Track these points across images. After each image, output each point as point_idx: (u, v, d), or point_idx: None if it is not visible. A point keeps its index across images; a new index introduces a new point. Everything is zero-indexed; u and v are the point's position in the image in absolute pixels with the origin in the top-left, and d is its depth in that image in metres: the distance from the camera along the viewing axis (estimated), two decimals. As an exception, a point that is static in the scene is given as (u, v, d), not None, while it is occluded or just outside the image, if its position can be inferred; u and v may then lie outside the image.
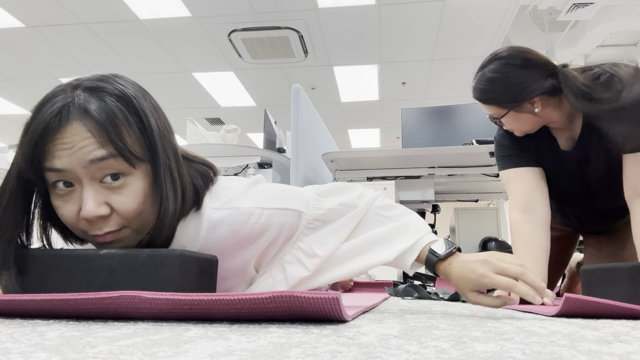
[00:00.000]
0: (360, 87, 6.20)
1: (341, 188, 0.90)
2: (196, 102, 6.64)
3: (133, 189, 0.66)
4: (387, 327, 0.53)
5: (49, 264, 0.64)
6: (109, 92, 0.66)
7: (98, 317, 0.58)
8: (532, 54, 1.23)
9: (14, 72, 5.75)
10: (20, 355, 0.34)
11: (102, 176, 0.65)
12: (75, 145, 0.63)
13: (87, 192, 0.64)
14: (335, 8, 4.41)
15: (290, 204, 0.81)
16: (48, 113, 0.63)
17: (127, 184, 0.66)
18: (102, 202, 0.65)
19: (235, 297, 0.53)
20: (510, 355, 0.35)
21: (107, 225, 0.66)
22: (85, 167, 0.63)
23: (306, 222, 0.82)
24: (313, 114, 2.58)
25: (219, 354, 0.35)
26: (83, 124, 0.63)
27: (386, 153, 2.40)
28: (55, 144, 0.63)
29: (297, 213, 0.81)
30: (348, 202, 0.86)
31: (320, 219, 0.84)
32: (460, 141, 2.58)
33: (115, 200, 0.66)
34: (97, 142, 0.63)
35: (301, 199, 0.83)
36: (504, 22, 4.61)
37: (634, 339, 0.45)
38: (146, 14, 4.52)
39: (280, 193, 0.83)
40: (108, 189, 0.65)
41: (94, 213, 0.63)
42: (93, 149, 0.63)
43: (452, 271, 0.78)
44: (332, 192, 0.88)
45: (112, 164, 0.64)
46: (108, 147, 0.64)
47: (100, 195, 0.65)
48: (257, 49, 5.12)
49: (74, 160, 0.63)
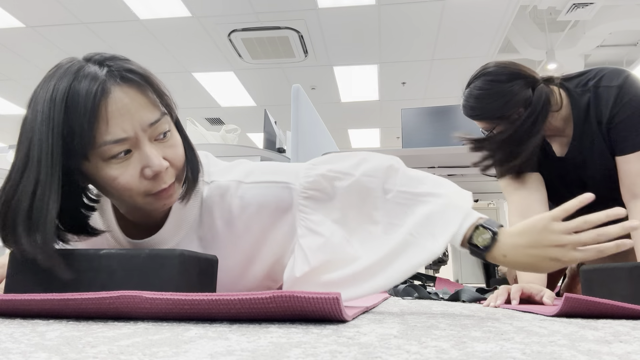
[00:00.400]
0: (360, 87, 6.20)
1: (338, 156, 0.83)
2: (196, 102, 6.64)
3: (177, 140, 0.73)
4: (387, 327, 0.53)
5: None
6: (122, 59, 0.70)
7: (98, 317, 0.58)
8: (518, 67, 1.26)
9: (14, 72, 5.75)
10: (20, 355, 0.34)
11: (157, 135, 0.69)
12: (132, 111, 0.66)
13: (150, 150, 0.67)
14: (335, 8, 4.40)
15: (272, 177, 0.79)
16: (88, 86, 0.63)
17: (172, 137, 0.72)
18: (162, 156, 0.69)
19: (235, 297, 0.53)
20: (510, 355, 0.35)
21: (168, 176, 0.71)
22: (145, 130, 0.67)
23: (298, 193, 0.77)
24: (313, 114, 2.58)
25: (219, 354, 0.35)
26: (126, 91, 0.66)
27: (386, 153, 2.39)
28: (109, 115, 0.64)
29: (282, 185, 0.78)
30: (340, 169, 0.79)
31: (313, 188, 0.77)
32: (460, 141, 2.58)
33: (169, 153, 0.70)
34: (151, 104, 0.68)
35: (289, 172, 0.80)
36: (504, 22, 4.61)
37: (634, 339, 0.45)
38: (146, 14, 4.52)
39: (266, 169, 0.81)
40: (161, 144, 0.70)
41: (164, 165, 0.68)
42: (149, 112, 0.67)
43: (511, 263, 0.72)
44: (326, 161, 0.83)
45: (163, 123, 0.69)
46: (159, 107, 0.69)
47: (159, 151, 0.69)
48: (257, 49, 5.12)
49: (136, 126, 0.66)
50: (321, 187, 0.77)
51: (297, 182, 0.78)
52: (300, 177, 0.79)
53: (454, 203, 0.74)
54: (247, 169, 0.82)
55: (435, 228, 0.72)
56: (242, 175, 0.80)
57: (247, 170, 0.81)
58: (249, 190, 0.78)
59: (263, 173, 0.80)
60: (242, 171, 0.81)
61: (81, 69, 0.65)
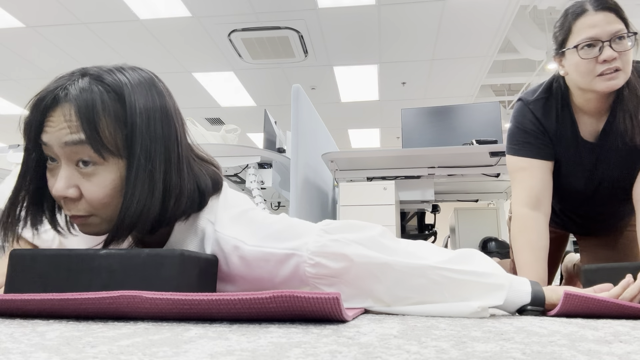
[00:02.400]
0: (360, 87, 6.20)
1: (355, 225, 0.75)
2: (196, 102, 6.64)
3: (102, 179, 0.68)
4: (387, 327, 0.53)
5: (49, 264, 0.64)
6: (104, 82, 0.68)
7: (98, 317, 0.58)
8: None
9: (14, 72, 5.75)
10: (20, 355, 0.34)
11: (76, 160, 0.67)
12: (57, 126, 0.66)
13: (62, 171, 0.67)
14: (335, 8, 4.40)
15: (276, 243, 0.71)
16: (49, 90, 0.68)
17: (97, 173, 0.68)
18: (73, 184, 0.67)
19: (235, 297, 0.53)
20: (510, 355, 0.35)
21: (76, 208, 0.68)
22: (62, 147, 0.66)
23: (305, 260, 0.70)
24: (313, 114, 2.58)
25: (219, 354, 0.35)
26: (68, 107, 0.67)
27: (386, 153, 2.40)
28: (46, 120, 0.67)
29: (286, 254, 0.70)
30: (356, 238, 0.71)
31: (322, 254, 0.70)
32: (460, 141, 2.58)
33: (84, 186, 0.68)
34: (73, 126, 0.66)
35: (297, 234, 0.72)
36: (504, 22, 4.61)
37: (634, 339, 0.45)
38: (146, 14, 4.52)
39: (271, 229, 0.73)
40: (81, 173, 0.68)
41: (62, 193, 0.66)
42: (69, 132, 0.66)
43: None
44: (341, 228, 0.74)
45: (84, 150, 0.66)
46: (79, 133, 0.66)
47: (72, 178, 0.67)
48: (257, 49, 5.12)
49: (54, 138, 0.67)
50: (332, 252, 0.70)
51: (304, 247, 0.71)
52: (310, 241, 0.71)
53: (497, 285, 0.71)
54: (252, 222, 0.75)
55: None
56: (245, 234, 0.73)
57: (251, 227, 0.74)
58: (250, 255, 0.72)
59: (267, 236, 0.72)
60: (246, 225, 0.74)
61: (64, 76, 0.70)
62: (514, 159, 1.31)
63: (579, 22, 1.18)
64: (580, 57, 1.16)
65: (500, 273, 0.71)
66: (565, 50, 1.21)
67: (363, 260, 0.69)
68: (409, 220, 3.25)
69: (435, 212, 3.08)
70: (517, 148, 1.31)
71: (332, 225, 0.74)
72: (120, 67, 0.71)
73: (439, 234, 3.37)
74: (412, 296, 0.70)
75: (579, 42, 1.16)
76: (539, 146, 1.29)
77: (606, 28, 1.14)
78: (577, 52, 1.17)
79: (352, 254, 0.69)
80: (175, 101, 0.77)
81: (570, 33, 1.20)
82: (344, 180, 2.52)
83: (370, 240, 0.72)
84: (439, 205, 3.12)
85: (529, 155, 1.28)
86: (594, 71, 1.16)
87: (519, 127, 1.32)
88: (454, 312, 0.68)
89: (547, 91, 1.31)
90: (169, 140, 0.71)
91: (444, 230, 3.75)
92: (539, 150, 1.28)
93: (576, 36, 1.18)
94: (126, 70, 0.71)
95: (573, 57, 1.19)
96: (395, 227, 2.23)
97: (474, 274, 0.69)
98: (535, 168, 1.27)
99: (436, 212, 3.11)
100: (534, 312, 0.72)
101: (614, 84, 1.15)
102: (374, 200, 2.27)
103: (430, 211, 2.95)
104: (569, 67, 1.22)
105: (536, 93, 1.32)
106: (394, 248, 0.72)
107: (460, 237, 3.32)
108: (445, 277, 0.68)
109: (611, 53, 1.13)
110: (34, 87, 0.71)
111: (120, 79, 0.69)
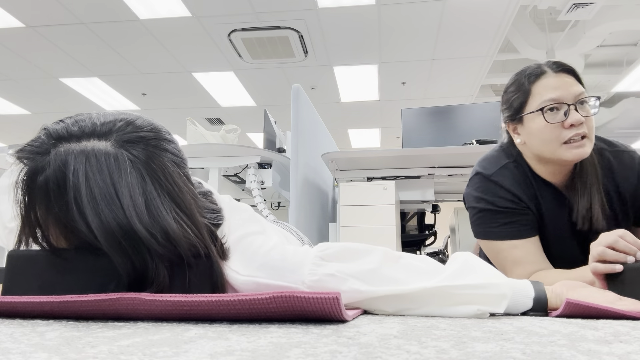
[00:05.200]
0: (360, 87, 6.20)
1: (352, 249, 0.72)
2: (196, 102, 6.64)
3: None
4: (387, 327, 0.53)
5: (46, 265, 0.64)
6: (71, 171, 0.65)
7: (98, 318, 0.58)
8: None
9: (14, 72, 5.75)
10: (20, 355, 0.34)
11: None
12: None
13: None
14: (335, 8, 4.40)
15: (272, 275, 0.68)
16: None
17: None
18: None
19: (235, 297, 0.53)
20: (510, 355, 0.35)
21: None
22: None
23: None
24: (313, 114, 2.58)
25: (219, 354, 0.35)
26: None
27: (386, 153, 2.40)
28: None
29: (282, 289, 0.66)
30: (353, 271, 0.68)
31: (318, 289, 0.67)
32: (460, 141, 2.58)
33: None
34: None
35: (292, 265, 0.69)
36: (504, 22, 4.61)
37: (634, 339, 0.45)
38: (146, 14, 4.52)
39: (266, 259, 0.70)
40: None
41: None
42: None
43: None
44: (338, 255, 0.71)
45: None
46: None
47: None
48: (257, 49, 5.12)
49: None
50: (327, 289, 0.67)
51: (300, 281, 0.68)
52: (305, 273, 0.68)
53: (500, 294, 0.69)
54: (247, 250, 0.72)
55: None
56: (238, 262, 0.71)
57: (246, 254, 0.72)
58: (243, 285, 0.69)
59: (261, 265, 0.70)
60: (240, 253, 0.72)
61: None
62: (495, 243, 1.13)
63: (539, 84, 1.07)
64: (547, 121, 1.04)
65: (503, 282, 0.69)
66: (524, 116, 1.08)
67: (360, 296, 0.68)
68: (409, 220, 3.25)
69: (435, 212, 3.08)
70: (497, 231, 1.12)
71: (328, 252, 0.71)
72: (103, 138, 0.67)
73: (439, 234, 3.37)
74: (413, 308, 0.69)
75: (541, 104, 1.04)
76: (522, 223, 1.11)
77: (569, 90, 1.03)
78: (542, 114, 1.04)
79: (349, 290, 0.67)
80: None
81: (530, 96, 1.07)
82: (344, 180, 2.52)
83: (369, 274, 0.69)
84: (439, 205, 3.12)
85: (514, 237, 1.10)
86: (560, 138, 1.03)
87: (489, 209, 1.13)
88: (454, 315, 0.68)
89: (508, 157, 1.16)
90: (174, 185, 0.70)
91: (444, 230, 3.75)
92: (523, 227, 1.11)
93: (537, 98, 1.06)
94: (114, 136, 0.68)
95: (535, 123, 1.06)
96: (395, 227, 2.23)
97: (475, 287, 0.67)
98: (526, 245, 1.10)
99: (436, 212, 3.11)
100: (536, 315, 0.72)
101: (582, 152, 1.03)
102: (374, 200, 2.27)
103: (430, 211, 2.95)
104: (528, 135, 1.09)
105: (496, 161, 1.17)
106: (394, 278, 0.69)
107: (460, 237, 3.32)
108: (447, 293, 0.68)
109: (578, 117, 1.01)
110: (33, 87, 0.69)
111: (103, 155, 0.66)
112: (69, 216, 0.62)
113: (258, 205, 2.50)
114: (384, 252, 0.72)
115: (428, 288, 0.67)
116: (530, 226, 1.12)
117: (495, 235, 1.12)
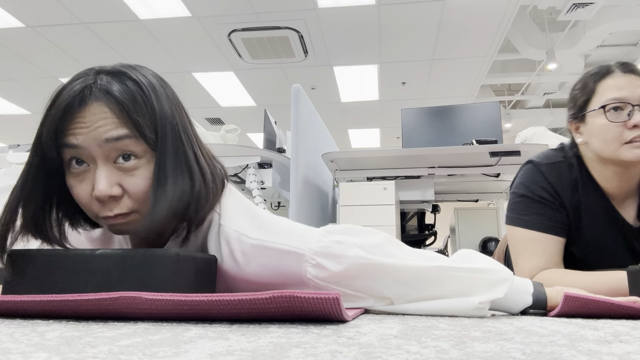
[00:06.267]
0: (360, 87, 6.20)
1: (357, 229, 0.74)
2: (196, 102, 6.64)
3: (144, 171, 0.67)
4: (387, 327, 0.53)
5: (45, 265, 0.64)
6: (129, 77, 0.68)
7: (98, 317, 0.58)
8: None
9: (14, 72, 5.75)
10: (20, 355, 0.34)
11: (115, 156, 0.66)
12: (93, 125, 0.64)
13: (100, 171, 0.65)
14: (335, 8, 4.41)
15: (279, 238, 0.70)
16: (71, 92, 0.65)
17: (138, 166, 0.67)
18: (115, 182, 0.65)
19: (235, 297, 0.53)
20: (510, 355, 0.35)
21: (118, 206, 0.66)
22: (101, 145, 0.64)
23: (307, 259, 0.69)
24: (313, 114, 2.58)
25: (219, 354, 0.35)
26: (104, 103, 0.65)
27: (386, 153, 2.40)
28: (74, 122, 0.65)
29: (288, 251, 0.69)
30: (360, 243, 0.70)
31: (324, 253, 0.69)
32: (460, 141, 2.58)
33: (127, 182, 0.66)
34: (116, 121, 0.65)
35: (300, 234, 0.71)
36: (504, 22, 4.61)
37: (634, 339, 0.45)
38: (146, 14, 4.52)
39: (275, 226, 0.72)
40: (121, 170, 0.66)
41: (107, 192, 0.64)
42: (110, 128, 0.64)
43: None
44: (343, 230, 0.73)
45: (127, 145, 0.65)
46: (127, 126, 0.65)
47: (113, 176, 0.65)
48: (257, 49, 5.12)
49: (90, 138, 0.64)
50: (333, 254, 0.69)
51: (307, 247, 0.69)
52: (312, 240, 0.70)
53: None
54: (256, 217, 0.74)
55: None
56: (248, 227, 0.72)
57: (256, 221, 0.74)
58: (252, 249, 0.70)
59: (271, 231, 0.71)
60: (250, 219, 0.74)
61: (79, 76, 0.67)
62: (520, 231, 1.13)
63: (604, 82, 1.07)
64: (608, 120, 1.04)
65: (502, 269, 0.71)
66: (587, 113, 1.09)
67: (364, 262, 0.69)
68: (409, 220, 3.25)
69: (435, 212, 3.08)
70: (525, 220, 1.13)
71: (335, 228, 0.73)
72: (129, 65, 0.71)
73: (439, 234, 3.37)
74: (412, 293, 0.70)
75: (605, 102, 1.05)
76: (552, 219, 1.11)
77: (635, 91, 1.03)
78: (604, 113, 1.05)
79: (354, 256, 0.69)
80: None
81: (594, 94, 1.08)
82: (344, 180, 2.52)
83: (373, 247, 0.71)
84: (439, 205, 3.12)
85: (539, 229, 1.11)
86: (622, 137, 1.03)
87: (527, 195, 1.14)
88: (455, 308, 0.68)
89: (564, 156, 1.17)
90: (190, 130, 0.74)
91: (444, 230, 3.76)
92: (551, 223, 1.11)
93: (601, 97, 1.07)
94: (136, 67, 0.71)
95: (597, 121, 1.07)
96: (395, 227, 2.23)
97: (475, 271, 0.69)
98: (549, 242, 1.10)
99: (436, 212, 3.12)
100: (536, 314, 0.73)
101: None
102: (374, 200, 2.27)
103: (430, 211, 2.95)
104: (590, 134, 1.09)
105: (550, 156, 1.18)
106: (397, 256, 0.71)
107: (460, 237, 3.32)
108: (447, 276, 0.69)
109: None
110: (33, 87, 0.69)
111: (139, 74, 0.69)
112: (136, 104, 0.66)
113: (258, 205, 2.50)
114: (387, 235, 0.75)
115: (429, 267, 0.69)
116: (559, 226, 1.11)
117: (523, 222, 1.13)
